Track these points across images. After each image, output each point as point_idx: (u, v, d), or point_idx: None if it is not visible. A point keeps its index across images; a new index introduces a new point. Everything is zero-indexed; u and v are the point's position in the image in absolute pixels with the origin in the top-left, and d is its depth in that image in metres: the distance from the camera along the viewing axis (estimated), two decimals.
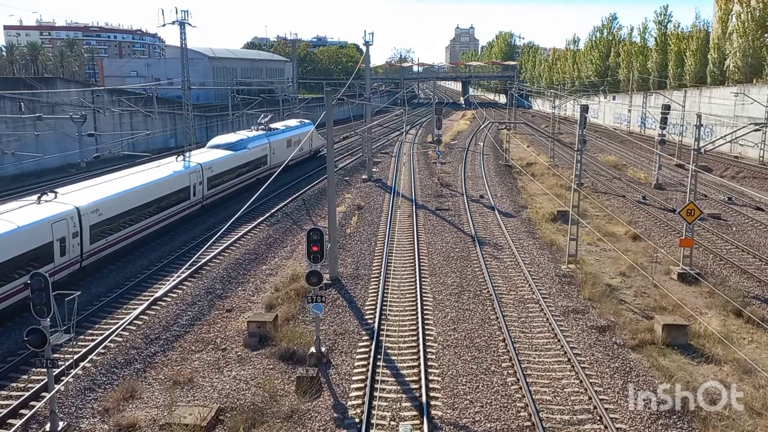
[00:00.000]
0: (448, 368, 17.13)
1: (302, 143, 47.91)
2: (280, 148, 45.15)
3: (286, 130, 49.47)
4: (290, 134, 48.94)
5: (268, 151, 43.22)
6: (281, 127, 49.24)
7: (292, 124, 53.35)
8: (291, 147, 46.25)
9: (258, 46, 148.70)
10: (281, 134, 47.40)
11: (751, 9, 64.58)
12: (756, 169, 50.62)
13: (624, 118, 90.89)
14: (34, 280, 13.24)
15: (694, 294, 23.18)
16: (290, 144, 47.08)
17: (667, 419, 14.55)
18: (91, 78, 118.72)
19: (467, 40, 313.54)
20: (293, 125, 52.83)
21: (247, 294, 23.44)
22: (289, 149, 45.79)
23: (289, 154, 44.90)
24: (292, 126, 52.45)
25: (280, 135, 47.07)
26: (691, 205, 24.36)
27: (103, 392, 15.83)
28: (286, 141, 47.08)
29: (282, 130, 48.55)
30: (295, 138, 48.45)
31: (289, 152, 44.76)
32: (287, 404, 15.22)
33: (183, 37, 46.11)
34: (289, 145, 46.62)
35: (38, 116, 44.13)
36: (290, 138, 48.08)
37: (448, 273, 25.16)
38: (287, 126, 51.48)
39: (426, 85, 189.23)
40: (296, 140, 47.85)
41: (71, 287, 17.57)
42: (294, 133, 49.85)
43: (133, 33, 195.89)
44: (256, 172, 41.04)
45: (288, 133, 48.95)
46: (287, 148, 46.01)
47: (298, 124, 54.16)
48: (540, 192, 41.67)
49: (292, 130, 50.32)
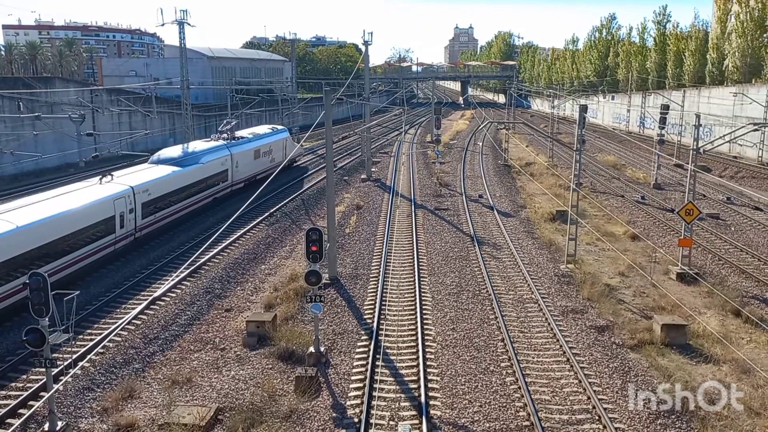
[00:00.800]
0: (447, 368, 17.12)
1: (274, 153, 44.08)
2: (245, 160, 39.86)
3: (255, 138, 43.38)
4: (259, 143, 43.15)
5: (229, 164, 37.40)
6: (248, 135, 43.12)
7: (262, 131, 46.72)
8: (261, 158, 42.36)
9: (257, 46, 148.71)
10: (247, 144, 41.42)
11: (750, 9, 64.63)
12: (755, 169, 50.66)
13: (623, 118, 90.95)
14: (33, 279, 13.22)
15: (693, 294, 23.20)
16: (259, 155, 42.36)
17: (666, 419, 14.55)
18: (90, 77, 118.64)
19: (466, 39, 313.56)
20: (263, 132, 46.37)
21: (246, 294, 23.43)
22: (258, 161, 41.89)
23: (257, 168, 41.40)
24: (261, 133, 45.72)
25: (246, 145, 41.10)
26: (690, 205, 24.37)
27: (101, 392, 15.81)
28: (254, 152, 41.72)
29: (248, 138, 42.38)
30: (265, 147, 43.56)
31: (257, 165, 41.63)
32: (286, 404, 15.21)
33: (182, 36, 46.15)
34: (257, 157, 42.06)
35: (37, 116, 44.11)
36: (258, 148, 42.67)
37: (447, 273, 25.16)
38: (255, 134, 44.83)
39: (425, 84, 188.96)
40: (266, 150, 43.51)
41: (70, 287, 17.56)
42: (264, 141, 44.13)
43: (132, 32, 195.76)
44: (213, 191, 35.47)
45: (256, 142, 43.06)
46: (255, 159, 41.55)
47: (269, 130, 47.80)
48: (539, 192, 41.68)
49: (261, 139, 44.24)
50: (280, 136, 47.30)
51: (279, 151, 45.78)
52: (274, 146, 44.68)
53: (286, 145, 47.33)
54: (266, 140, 44.60)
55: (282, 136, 47.58)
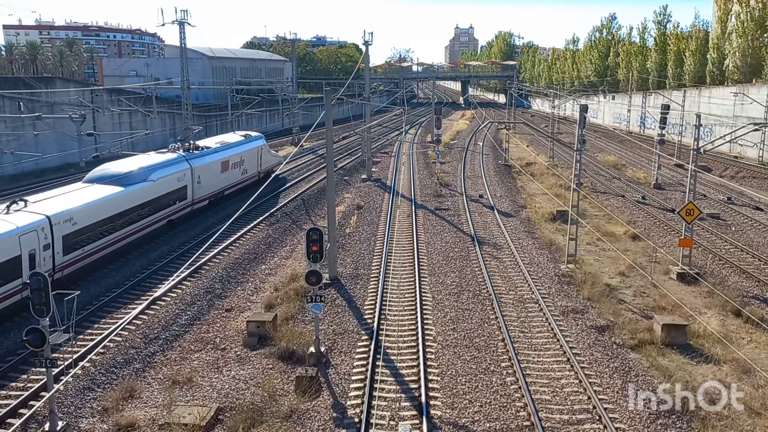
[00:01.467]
0: (447, 368, 17.12)
1: (247, 164, 39.86)
2: (209, 174, 34.73)
3: (222, 148, 37.96)
4: (227, 153, 37.79)
5: (188, 179, 32.22)
6: (214, 145, 37.84)
7: (232, 140, 41.14)
8: (230, 171, 37.62)
9: (257, 46, 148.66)
10: (212, 155, 35.99)
11: (751, 9, 64.60)
12: (755, 169, 50.64)
13: (623, 117, 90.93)
14: (34, 279, 13.23)
15: (694, 294, 23.19)
16: (227, 167, 37.44)
17: (667, 419, 14.55)
18: (91, 77, 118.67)
19: (467, 39, 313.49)
20: (233, 141, 40.90)
21: (247, 294, 23.43)
22: (226, 174, 37.10)
23: (226, 182, 37.09)
24: (231, 142, 40.18)
25: (211, 156, 35.73)
26: (691, 205, 24.36)
27: (102, 392, 15.82)
28: (220, 163, 36.54)
29: (214, 149, 36.99)
30: (235, 158, 38.51)
31: (225, 178, 37.10)
32: (286, 404, 15.21)
33: (182, 36, 46.20)
34: (225, 169, 37.13)
35: (37, 116, 44.18)
36: (226, 159, 37.44)
37: (447, 273, 25.16)
38: (224, 142, 39.46)
39: (425, 84, 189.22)
40: (237, 161, 38.68)
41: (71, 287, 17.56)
42: (234, 151, 38.85)
43: (132, 32, 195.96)
44: (167, 213, 30.34)
45: (224, 152, 37.65)
46: (222, 172, 36.72)
47: (241, 138, 42.32)
48: (539, 192, 41.67)
49: (230, 148, 38.79)
50: (253, 144, 42.31)
51: (252, 161, 41.54)
52: (246, 156, 40.06)
53: (261, 154, 43.04)
54: (236, 149, 39.32)
55: (256, 144, 42.79)
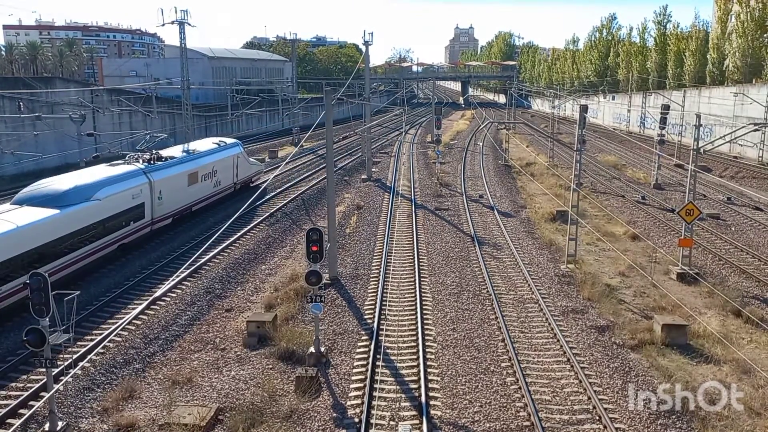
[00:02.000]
0: (447, 368, 17.12)
1: (221, 174, 35.95)
2: (173, 188, 30.65)
3: (190, 158, 33.87)
4: (195, 164, 33.61)
5: (147, 196, 28.06)
6: (181, 155, 33.69)
7: (203, 148, 36.84)
8: (199, 183, 33.59)
9: (257, 46, 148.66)
10: (177, 166, 31.76)
11: (751, 9, 64.62)
12: (755, 169, 50.64)
13: (623, 118, 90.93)
14: (33, 279, 13.23)
15: (694, 294, 23.19)
16: (196, 179, 33.27)
17: (667, 419, 14.54)
18: (91, 78, 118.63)
19: (467, 40, 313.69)
20: (204, 149, 36.58)
21: (247, 294, 23.43)
22: (194, 188, 33.06)
23: (195, 196, 33.14)
24: (201, 151, 35.80)
25: (175, 168, 31.47)
26: (690, 205, 24.36)
27: (102, 392, 15.82)
28: (187, 175, 32.36)
29: (180, 159, 32.83)
30: (205, 169, 34.39)
31: (194, 192, 33.01)
32: (286, 404, 15.21)
33: (182, 36, 46.19)
34: (194, 181, 32.97)
35: (37, 116, 44.18)
36: (195, 170, 33.26)
37: (447, 273, 25.16)
38: (193, 152, 35.19)
39: (425, 85, 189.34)
40: (208, 172, 34.60)
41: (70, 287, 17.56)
42: (204, 161, 34.69)
43: (132, 33, 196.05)
44: (118, 236, 25.95)
45: (192, 162, 33.52)
46: (190, 186, 32.55)
47: (213, 146, 37.98)
48: (539, 192, 41.67)
49: (200, 158, 34.56)
50: (227, 153, 38.16)
51: (227, 171, 37.51)
52: (219, 166, 36.08)
53: (237, 162, 38.95)
54: (207, 159, 35.14)
55: (231, 152, 38.53)
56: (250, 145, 65.40)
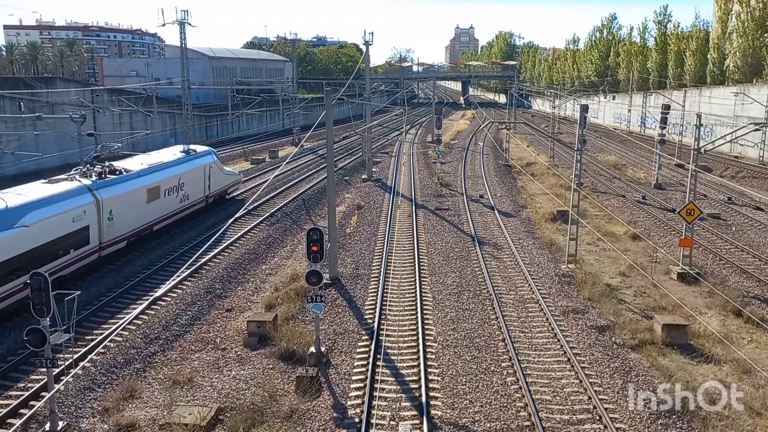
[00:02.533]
0: (447, 368, 17.12)
1: (189, 187, 31.91)
2: (129, 206, 26.51)
3: (151, 170, 29.28)
4: (157, 177, 29.33)
5: (93, 217, 23.94)
6: (140, 166, 28.92)
7: (168, 158, 32.27)
8: (162, 198, 29.44)
9: (258, 46, 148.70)
10: (134, 180, 27.56)
11: (751, 9, 64.60)
12: (756, 169, 50.62)
13: (624, 117, 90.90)
14: (34, 279, 13.23)
15: (694, 294, 23.19)
16: (158, 194, 29.03)
17: (667, 419, 14.55)
18: (91, 78, 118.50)
19: (467, 39, 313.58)
20: (170, 159, 32.02)
21: (247, 294, 23.44)
22: (156, 204, 28.87)
23: (157, 213, 29.03)
24: (165, 161, 31.28)
25: (132, 182, 27.32)
26: (691, 205, 24.35)
27: (102, 392, 15.83)
28: (146, 190, 28.17)
29: (138, 172, 28.28)
30: (169, 181, 30.14)
31: (155, 209, 28.86)
32: (287, 404, 15.22)
33: (183, 36, 46.19)
34: (155, 197, 28.77)
35: (38, 116, 44.14)
36: (156, 184, 29.00)
37: (447, 273, 25.16)
38: (155, 163, 30.44)
39: (426, 84, 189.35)
40: (173, 185, 30.47)
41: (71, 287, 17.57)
42: (169, 172, 30.46)
43: (132, 33, 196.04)
44: (52, 267, 21.30)
45: (152, 175, 29.05)
46: (150, 202, 28.38)
47: (181, 155, 33.58)
48: (540, 192, 41.67)
49: (163, 169, 30.22)
50: (198, 162, 33.92)
51: (197, 183, 33.39)
52: (187, 178, 31.90)
53: (209, 173, 34.83)
54: (172, 170, 30.90)
55: (202, 162, 34.30)
56: (251, 145, 65.56)
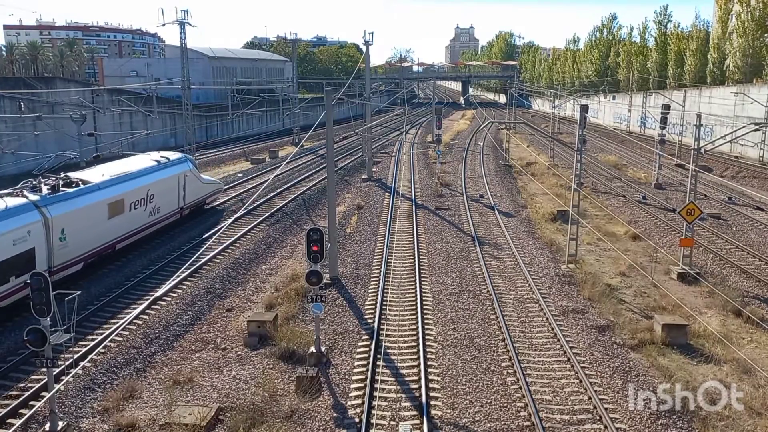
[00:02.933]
0: (447, 368, 17.12)
1: (160, 199, 28.81)
2: (86, 223, 23.41)
3: (113, 181, 26.04)
4: (122, 189, 26.24)
5: (39, 238, 20.95)
6: (101, 178, 25.67)
7: (136, 167, 28.74)
8: (127, 213, 26.30)
9: (258, 46, 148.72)
10: (93, 194, 24.47)
11: (751, 9, 64.61)
12: (756, 169, 50.63)
13: (624, 117, 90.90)
14: (34, 279, 13.24)
15: (694, 294, 23.19)
16: (122, 208, 25.93)
17: (667, 419, 14.55)
18: (91, 78, 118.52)
19: (467, 39, 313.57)
20: (137, 168, 28.61)
21: (247, 293, 23.44)
22: (119, 219, 25.70)
23: (121, 230, 25.95)
24: (132, 172, 27.90)
25: (90, 196, 24.24)
26: (691, 205, 24.35)
27: (102, 392, 15.83)
28: (108, 205, 25.04)
29: (98, 184, 25.12)
30: (136, 194, 27.01)
31: (119, 225, 25.78)
32: (287, 404, 15.22)
33: (183, 36, 46.18)
34: (118, 211, 25.66)
35: (38, 116, 44.19)
36: (120, 197, 25.88)
37: (447, 273, 25.16)
38: (120, 173, 27.04)
39: (426, 84, 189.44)
40: (140, 198, 27.33)
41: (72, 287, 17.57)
42: (136, 183, 27.36)
43: (132, 33, 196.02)
44: None
45: (116, 187, 25.98)
46: (112, 218, 25.26)
47: (153, 163, 30.21)
48: (540, 192, 41.67)
49: (129, 180, 27.05)
50: (171, 171, 30.66)
51: (170, 194, 30.24)
52: (159, 188, 28.85)
53: (185, 182, 31.63)
54: (140, 181, 27.80)
55: (176, 171, 31.08)
56: (251, 145, 65.58)
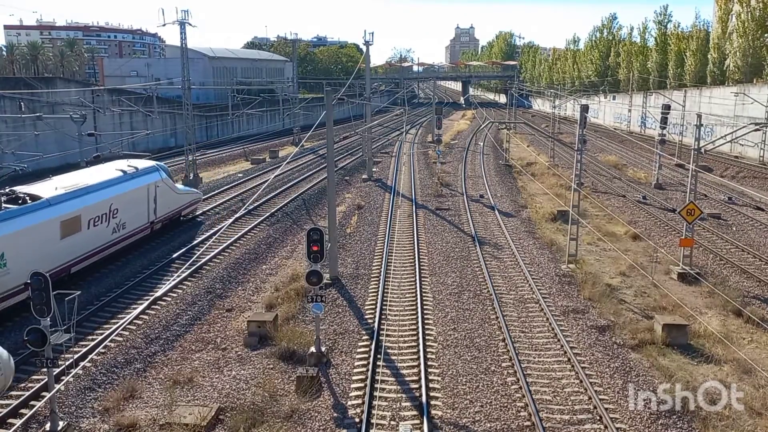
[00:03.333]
0: (448, 368, 17.12)
1: (125, 213, 25.69)
2: (33, 246, 20.40)
3: (67, 196, 22.67)
4: (78, 204, 22.93)
5: None
6: (53, 193, 22.32)
7: (96, 179, 25.27)
8: (85, 231, 23.08)
9: (258, 46, 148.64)
10: (42, 211, 21.32)
11: (751, 9, 64.60)
12: (756, 169, 50.62)
13: (624, 117, 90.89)
14: (34, 279, 13.24)
15: (694, 294, 23.18)
16: (78, 226, 22.68)
17: (667, 419, 14.54)
18: (91, 78, 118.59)
19: (467, 39, 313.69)
20: (98, 181, 25.20)
21: (247, 293, 23.44)
22: (74, 239, 22.40)
23: (75, 250, 22.52)
24: (92, 184, 24.47)
25: (38, 213, 21.10)
26: (691, 205, 24.35)
27: (103, 392, 15.82)
28: (61, 223, 21.79)
29: (49, 200, 21.82)
30: (96, 209, 23.81)
31: (75, 245, 22.47)
32: (287, 404, 15.22)
33: (183, 36, 46.08)
34: (73, 230, 22.41)
35: (38, 116, 44.18)
36: (75, 214, 22.61)
37: (448, 273, 25.16)
38: (77, 186, 23.68)
39: (426, 85, 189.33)
40: (102, 212, 24.17)
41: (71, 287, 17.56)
42: (95, 198, 24.06)
43: (133, 33, 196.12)
44: None
45: (70, 203, 22.63)
46: (65, 237, 21.96)
47: (118, 174, 26.81)
48: (540, 192, 41.66)
49: (87, 194, 23.69)
50: (140, 182, 27.63)
51: (137, 207, 27.21)
52: (124, 201, 25.72)
53: (156, 194, 28.50)
54: (102, 194, 24.57)
55: (145, 181, 28.02)
56: (251, 145, 65.56)
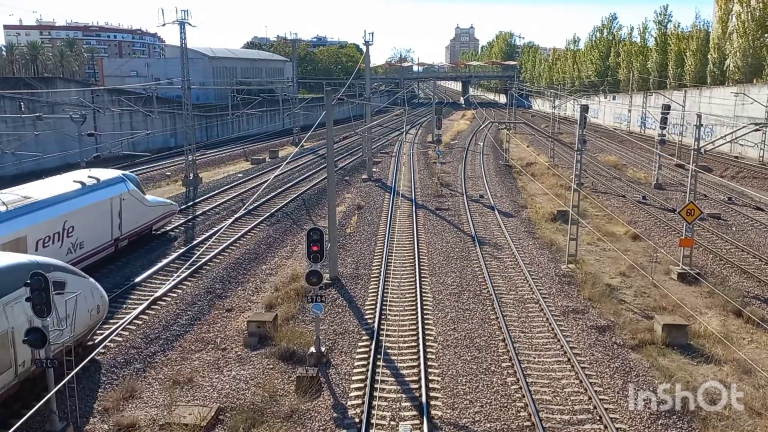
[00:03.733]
0: (448, 368, 17.11)
1: (83, 231, 22.82)
2: None
3: (13, 213, 19.87)
4: (23, 224, 20.03)
5: None
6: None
7: (48, 193, 22.16)
8: (39, 251, 20.02)
9: (258, 46, 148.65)
10: None
11: (751, 9, 64.61)
12: (756, 169, 50.63)
13: (624, 118, 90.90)
14: (34, 279, 13.22)
15: (694, 294, 23.18)
16: (23, 248, 19.31)
17: (667, 419, 14.54)
18: (91, 78, 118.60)
19: (467, 39, 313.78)
20: (51, 195, 22.15)
21: (247, 294, 23.43)
22: None
23: None
24: (40, 200, 21.41)
25: None
26: (691, 205, 24.34)
27: (102, 392, 15.82)
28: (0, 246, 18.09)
29: None
30: (47, 228, 21.02)
31: None
32: (287, 404, 15.21)
33: (183, 36, 46.07)
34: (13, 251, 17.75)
35: (38, 116, 44.18)
36: (19, 235, 19.62)
37: (448, 273, 25.15)
38: (30, 202, 20.90)
39: (426, 85, 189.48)
40: (54, 232, 21.32)
41: None
42: (46, 215, 21.19)
43: (133, 33, 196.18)
44: None
45: (14, 221, 19.75)
46: None
47: (76, 186, 23.80)
48: (540, 192, 41.66)
49: (34, 211, 20.85)
50: (102, 195, 24.83)
51: (99, 224, 24.40)
52: (81, 218, 22.88)
53: (121, 208, 25.83)
54: (54, 210, 21.75)
55: (109, 194, 25.29)
56: (251, 145, 65.57)
